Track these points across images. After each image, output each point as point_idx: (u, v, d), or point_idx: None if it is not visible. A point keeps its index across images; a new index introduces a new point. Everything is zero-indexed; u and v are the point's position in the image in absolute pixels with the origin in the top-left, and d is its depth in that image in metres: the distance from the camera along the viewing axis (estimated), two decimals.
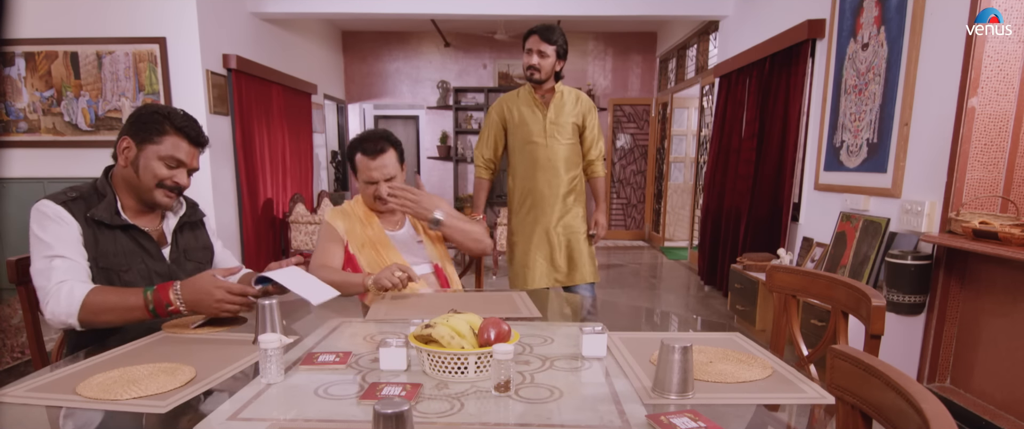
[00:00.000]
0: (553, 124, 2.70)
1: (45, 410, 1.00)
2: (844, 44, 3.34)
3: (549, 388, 1.08)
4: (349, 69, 8.22)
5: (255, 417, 0.95)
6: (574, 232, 2.78)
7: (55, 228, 1.41)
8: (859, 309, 1.29)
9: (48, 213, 1.42)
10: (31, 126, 4.56)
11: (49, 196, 1.45)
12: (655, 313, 2.38)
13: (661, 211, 7.65)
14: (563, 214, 2.76)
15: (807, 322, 2.98)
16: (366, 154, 1.93)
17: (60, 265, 1.39)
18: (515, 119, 2.75)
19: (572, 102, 2.73)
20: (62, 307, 1.35)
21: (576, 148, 2.77)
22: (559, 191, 2.73)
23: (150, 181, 1.50)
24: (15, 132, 4.55)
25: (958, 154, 2.44)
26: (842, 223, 3.27)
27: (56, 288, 1.36)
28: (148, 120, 1.49)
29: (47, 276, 1.38)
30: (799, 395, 1.07)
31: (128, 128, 1.50)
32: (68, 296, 1.35)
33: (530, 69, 2.64)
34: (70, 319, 1.36)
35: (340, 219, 2.01)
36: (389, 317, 1.56)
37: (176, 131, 1.50)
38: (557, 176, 2.72)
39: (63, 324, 1.37)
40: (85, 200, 1.48)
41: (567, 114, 2.71)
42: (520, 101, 2.75)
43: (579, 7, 5.25)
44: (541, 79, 2.66)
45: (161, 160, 1.49)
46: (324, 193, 6.30)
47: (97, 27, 4.40)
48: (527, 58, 2.64)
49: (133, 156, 1.49)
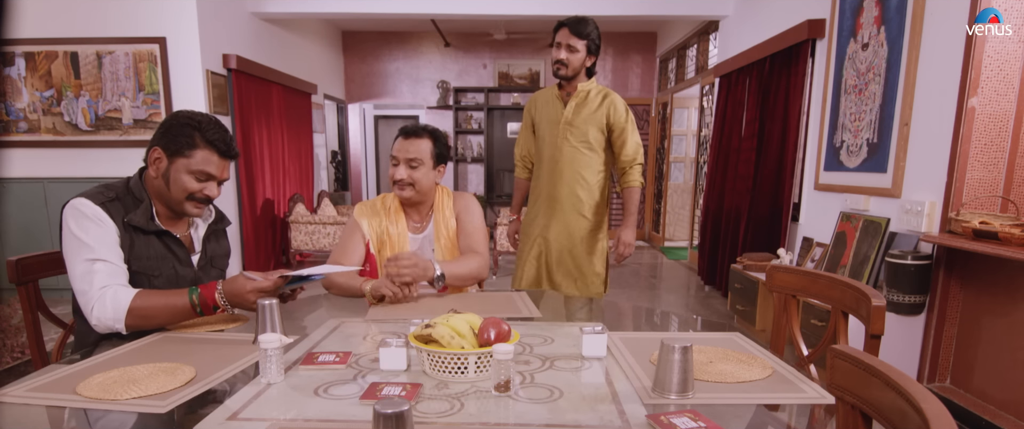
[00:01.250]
0: (567, 125, 2.53)
1: (45, 410, 1.00)
2: (844, 44, 3.34)
3: (549, 388, 1.08)
4: (349, 69, 8.22)
5: (255, 417, 0.95)
6: (575, 244, 2.59)
7: (95, 230, 1.42)
8: (859, 309, 1.29)
9: (87, 213, 1.42)
10: (31, 126, 4.56)
11: (86, 195, 1.45)
12: (655, 313, 2.38)
13: (661, 211, 7.65)
14: (564, 222, 2.58)
15: (807, 322, 2.98)
16: (403, 135, 1.92)
17: (102, 269, 1.40)
18: (539, 116, 2.64)
19: (596, 103, 2.52)
20: (108, 313, 1.37)
21: (593, 155, 2.55)
22: (562, 196, 2.57)
23: (180, 194, 1.50)
24: (15, 132, 4.55)
25: (958, 154, 2.44)
26: (842, 223, 3.27)
27: (100, 293, 1.38)
28: (179, 132, 1.48)
29: (89, 281, 1.38)
30: (799, 395, 1.07)
31: (160, 139, 1.49)
32: (114, 302, 1.37)
33: (557, 64, 2.48)
34: (117, 324, 1.38)
35: (366, 216, 1.97)
36: (389, 317, 1.56)
37: (207, 144, 1.50)
38: (562, 180, 2.56)
39: (109, 329, 1.39)
40: (122, 202, 1.49)
41: (586, 115, 2.51)
42: (547, 97, 2.63)
43: (579, 7, 5.25)
44: (569, 76, 2.49)
45: (191, 174, 1.49)
46: (324, 193, 6.30)
47: (97, 27, 4.40)
48: (555, 52, 2.48)
49: (164, 168, 1.50)
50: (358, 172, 8.90)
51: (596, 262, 2.62)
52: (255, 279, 1.43)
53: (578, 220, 2.59)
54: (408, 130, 1.93)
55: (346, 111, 8.39)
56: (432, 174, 1.93)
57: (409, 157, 1.88)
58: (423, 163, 1.89)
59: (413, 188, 1.90)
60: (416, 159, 1.88)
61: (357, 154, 8.86)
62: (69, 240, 1.42)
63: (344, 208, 6.23)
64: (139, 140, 4.54)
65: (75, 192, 1.48)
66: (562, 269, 2.62)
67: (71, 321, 1.66)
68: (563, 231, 2.59)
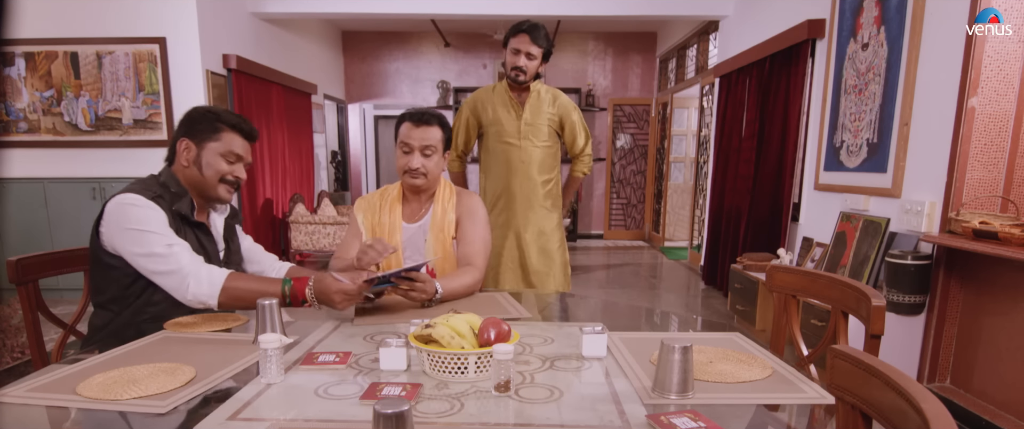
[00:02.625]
0: (528, 125, 2.61)
1: (45, 410, 1.00)
2: (844, 44, 3.34)
3: (549, 388, 1.08)
4: (349, 69, 8.22)
5: (255, 417, 0.95)
6: (547, 238, 2.68)
7: (157, 219, 1.48)
8: (859, 309, 1.29)
9: (142, 206, 1.47)
10: (31, 126, 4.56)
11: (132, 191, 1.49)
12: (655, 313, 2.38)
13: (661, 211, 7.65)
14: (536, 218, 2.66)
15: (807, 322, 2.98)
16: (412, 121, 1.86)
17: (181, 251, 1.46)
18: (489, 116, 2.65)
19: (549, 102, 2.64)
20: (205, 288, 1.44)
21: (552, 151, 2.68)
22: (531, 194, 2.64)
23: (213, 177, 1.58)
24: (15, 132, 4.55)
25: (958, 154, 2.44)
26: (842, 223, 3.27)
27: (195, 270, 1.44)
28: (201, 120, 1.58)
29: (176, 261, 1.44)
30: (799, 395, 1.07)
31: (184, 130, 1.58)
32: (209, 278, 1.44)
33: (515, 70, 2.53)
34: (211, 300, 1.45)
35: (363, 210, 1.96)
36: (379, 322, 1.53)
37: (230, 127, 1.59)
38: (530, 179, 2.63)
39: (202, 304, 1.45)
40: (164, 197, 1.54)
41: (543, 115, 2.62)
42: (495, 98, 2.65)
43: (579, 7, 5.25)
44: (528, 82, 2.56)
45: (222, 156, 1.58)
46: (324, 193, 6.30)
47: (97, 27, 4.40)
48: (513, 58, 2.52)
49: (195, 155, 1.57)
50: (358, 172, 8.89)
51: (563, 256, 2.75)
52: (342, 281, 1.47)
53: (553, 215, 2.71)
54: (417, 116, 1.87)
55: (346, 111, 8.39)
56: (441, 162, 1.91)
57: (424, 145, 1.84)
58: (436, 151, 1.87)
59: (426, 177, 1.87)
60: (430, 147, 1.85)
61: (357, 154, 8.86)
62: (132, 234, 1.45)
63: (344, 208, 6.23)
64: (139, 140, 4.54)
65: (75, 192, 1.51)
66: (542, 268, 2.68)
67: (71, 321, 1.66)
68: (543, 229, 2.68)
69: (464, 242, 1.91)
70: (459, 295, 1.78)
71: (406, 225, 1.94)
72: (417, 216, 1.96)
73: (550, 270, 2.69)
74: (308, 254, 5.94)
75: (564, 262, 2.74)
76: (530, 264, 2.67)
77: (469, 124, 2.72)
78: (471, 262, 1.87)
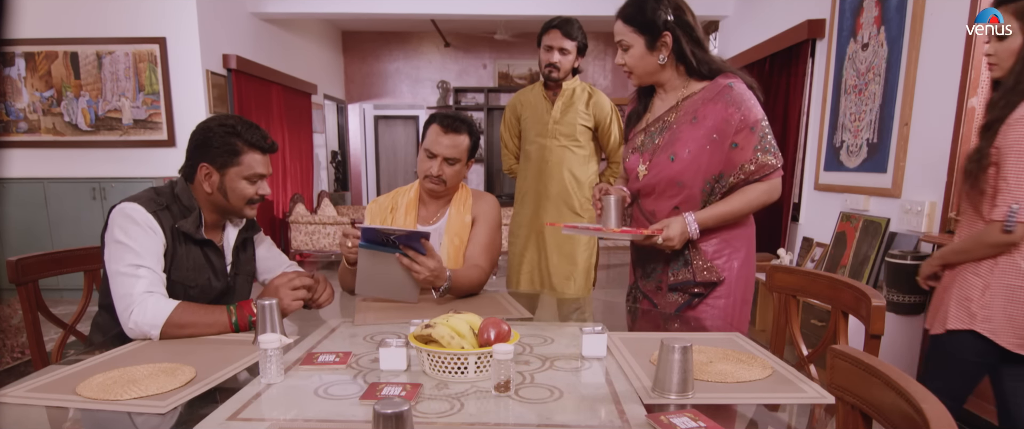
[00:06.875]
0: (556, 124, 2.55)
1: (45, 410, 1.00)
2: (844, 44, 3.34)
3: (549, 388, 1.08)
4: (349, 69, 8.23)
5: (255, 417, 0.95)
6: (573, 241, 2.61)
7: (144, 238, 1.43)
8: (859, 309, 1.29)
9: (138, 220, 1.43)
10: (31, 126, 4.56)
11: (138, 201, 1.46)
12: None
13: None
14: (560, 219, 2.60)
15: (807, 322, 2.98)
16: (442, 125, 1.81)
17: (145, 275, 1.40)
18: (525, 114, 2.64)
19: (583, 103, 2.55)
20: (148, 318, 1.36)
21: (583, 154, 2.59)
22: (553, 194, 2.60)
23: (240, 202, 1.54)
24: (15, 132, 4.56)
25: (958, 154, 2.43)
26: (842, 223, 3.27)
27: (142, 298, 1.37)
28: (221, 144, 1.50)
29: (132, 285, 1.38)
30: (799, 395, 1.07)
31: (202, 155, 1.51)
32: (154, 309, 1.37)
33: (549, 67, 2.46)
34: (153, 331, 1.37)
35: (373, 214, 1.94)
36: (379, 322, 1.54)
37: (250, 147, 1.53)
38: (552, 178, 2.59)
39: (143, 334, 1.38)
40: (170, 211, 1.51)
41: (574, 115, 2.54)
42: (532, 95, 2.64)
43: (579, 7, 5.25)
44: (562, 78, 2.49)
45: (246, 179, 1.53)
46: (324, 193, 6.30)
47: (97, 27, 4.40)
48: (546, 55, 2.46)
49: (218, 182, 1.52)
50: (358, 172, 8.90)
51: (591, 257, 2.68)
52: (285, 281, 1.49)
53: (573, 218, 2.62)
54: (447, 122, 1.81)
55: (346, 111, 8.40)
56: (464, 170, 1.88)
57: (449, 155, 1.80)
58: (460, 160, 1.83)
59: (445, 185, 1.85)
60: (455, 157, 1.81)
61: (357, 154, 8.86)
62: (112, 244, 1.43)
63: (344, 208, 6.23)
64: (139, 140, 4.55)
65: (75, 192, 1.50)
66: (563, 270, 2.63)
67: (71, 321, 1.66)
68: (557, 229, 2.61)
69: (471, 242, 1.91)
70: (465, 289, 1.78)
71: (421, 227, 1.94)
72: (433, 219, 1.95)
73: (571, 274, 2.62)
74: (308, 254, 5.94)
75: (588, 267, 2.65)
76: (550, 265, 2.63)
77: (510, 124, 2.72)
78: (476, 262, 1.87)
